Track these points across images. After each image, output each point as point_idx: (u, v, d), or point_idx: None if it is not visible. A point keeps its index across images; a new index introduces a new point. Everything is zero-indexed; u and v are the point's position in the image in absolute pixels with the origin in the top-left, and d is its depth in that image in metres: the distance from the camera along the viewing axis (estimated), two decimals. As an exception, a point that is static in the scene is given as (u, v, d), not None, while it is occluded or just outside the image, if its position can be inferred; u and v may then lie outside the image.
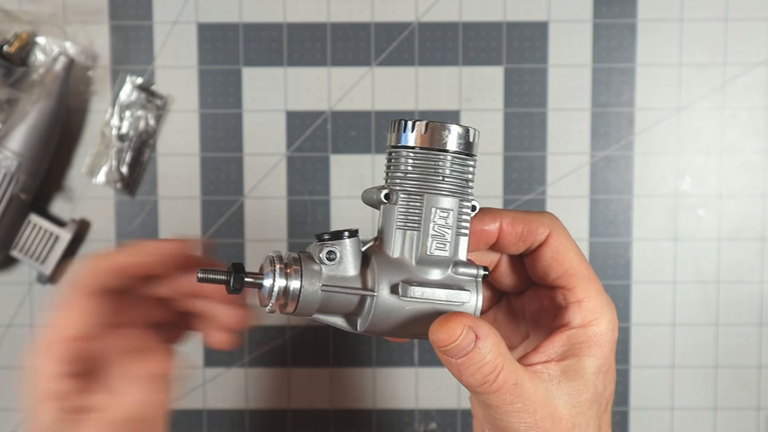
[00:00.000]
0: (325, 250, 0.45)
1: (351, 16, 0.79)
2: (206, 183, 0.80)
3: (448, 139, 0.45)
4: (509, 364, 0.45)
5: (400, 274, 0.45)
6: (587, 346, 0.47)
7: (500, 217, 0.49)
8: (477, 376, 0.45)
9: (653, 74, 0.79)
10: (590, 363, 0.47)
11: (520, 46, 0.79)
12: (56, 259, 0.78)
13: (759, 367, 0.80)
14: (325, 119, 0.79)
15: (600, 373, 0.47)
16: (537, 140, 0.79)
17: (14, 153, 0.74)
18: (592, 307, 0.47)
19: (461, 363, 0.45)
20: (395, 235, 0.46)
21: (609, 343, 0.48)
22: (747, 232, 0.80)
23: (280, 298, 0.44)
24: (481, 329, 0.44)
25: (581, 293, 0.48)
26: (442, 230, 0.46)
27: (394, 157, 0.46)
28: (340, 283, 0.45)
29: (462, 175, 0.46)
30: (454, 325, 0.44)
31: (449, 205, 0.46)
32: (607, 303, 0.48)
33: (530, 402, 0.46)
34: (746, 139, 0.79)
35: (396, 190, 0.45)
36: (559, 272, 0.48)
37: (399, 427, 0.81)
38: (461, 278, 0.46)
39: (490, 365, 0.45)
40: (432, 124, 0.45)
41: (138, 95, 0.79)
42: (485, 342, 0.44)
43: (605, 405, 0.49)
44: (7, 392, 0.81)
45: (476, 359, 0.44)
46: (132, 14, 0.79)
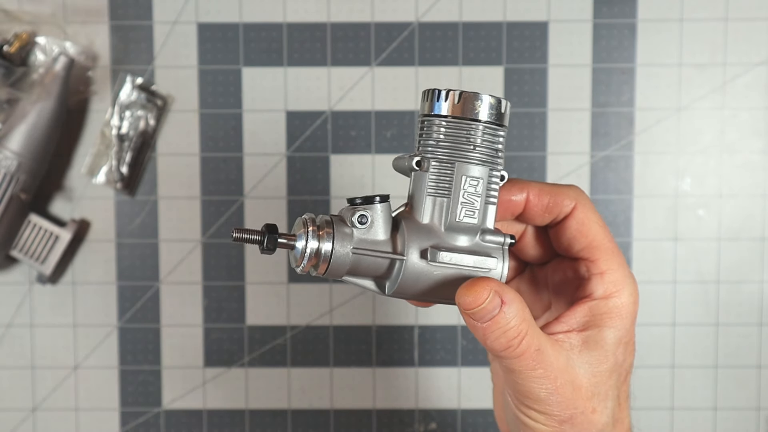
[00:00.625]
0: (357, 213, 0.46)
1: (351, 16, 0.79)
2: (206, 183, 0.80)
3: (480, 108, 0.46)
4: (533, 330, 0.47)
5: (429, 239, 0.46)
6: (608, 317, 0.48)
7: (527, 187, 0.50)
8: (501, 340, 0.46)
9: (653, 74, 0.79)
10: (611, 334, 0.48)
11: (520, 46, 0.79)
12: (56, 259, 0.78)
13: (759, 367, 0.80)
14: (325, 119, 0.79)
15: (620, 344, 0.49)
16: (537, 140, 0.79)
17: (14, 153, 0.74)
18: (615, 279, 0.48)
19: (486, 327, 0.46)
20: (425, 202, 0.47)
21: (630, 315, 0.49)
22: (747, 232, 0.80)
23: (312, 259, 0.45)
24: (507, 294, 0.46)
25: (604, 265, 0.49)
26: (471, 198, 0.47)
27: (427, 125, 0.47)
28: (370, 247, 0.46)
29: (492, 145, 0.47)
30: (481, 288, 0.45)
31: (479, 174, 0.47)
32: (629, 276, 0.49)
33: (551, 369, 0.47)
34: (746, 139, 0.79)
35: (427, 157, 0.47)
36: (583, 244, 0.49)
37: (399, 427, 0.81)
38: (488, 245, 0.47)
39: (515, 330, 0.46)
40: (465, 94, 0.46)
41: (138, 95, 0.79)
42: (510, 307, 0.45)
43: (624, 375, 0.50)
44: (8, 392, 0.81)
45: (501, 323, 0.46)
46: (132, 14, 0.79)
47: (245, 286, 0.80)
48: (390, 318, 0.80)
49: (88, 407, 0.81)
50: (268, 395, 0.81)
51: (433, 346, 0.80)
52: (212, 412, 0.81)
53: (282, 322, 0.81)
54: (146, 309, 0.80)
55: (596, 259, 0.49)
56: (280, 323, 0.81)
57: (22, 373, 0.81)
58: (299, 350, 0.81)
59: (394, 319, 0.80)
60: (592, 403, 0.48)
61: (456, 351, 0.80)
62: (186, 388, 0.81)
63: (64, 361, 0.81)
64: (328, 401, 0.81)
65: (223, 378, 0.81)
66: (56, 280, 0.80)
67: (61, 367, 0.81)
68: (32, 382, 0.81)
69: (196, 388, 0.81)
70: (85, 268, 0.80)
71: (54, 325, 0.81)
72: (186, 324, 0.81)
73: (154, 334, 0.81)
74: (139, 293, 0.80)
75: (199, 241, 0.80)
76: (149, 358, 0.81)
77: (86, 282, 0.80)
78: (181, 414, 0.81)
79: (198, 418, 0.81)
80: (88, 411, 0.81)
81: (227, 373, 0.81)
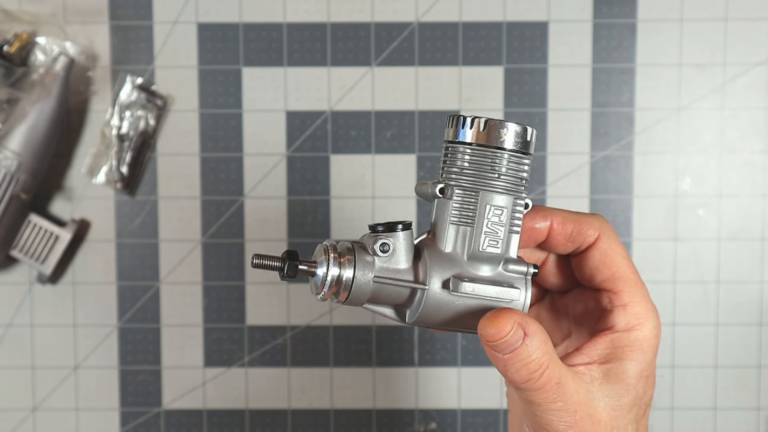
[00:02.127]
0: (379, 242, 0.45)
1: (351, 16, 0.79)
2: (206, 183, 0.80)
3: (506, 137, 0.46)
4: (554, 362, 0.46)
5: (452, 268, 0.46)
6: (630, 350, 0.48)
7: (551, 215, 0.49)
8: (522, 373, 0.46)
9: (653, 74, 0.79)
10: (632, 367, 0.48)
11: (520, 46, 0.79)
12: (56, 259, 0.78)
13: (759, 367, 0.80)
14: (325, 119, 0.79)
15: (641, 378, 0.48)
16: (537, 140, 0.79)
17: (14, 153, 0.74)
18: (637, 311, 0.48)
19: (508, 359, 0.45)
20: (448, 230, 0.46)
21: (652, 348, 0.48)
22: (747, 232, 0.80)
23: (332, 287, 0.45)
24: (530, 327, 0.45)
25: (627, 297, 0.48)
26: (495, 227, 0.46)
27: (451, 152, 0.46)
28: (392, 275, 0.46)
29: (517, 174, 0.46)
30: (504, 321, 0.45)
31: (503, 203, 0.46)
32: (652, 309, 0.48)
33: (571, 402, 0.46)
34: (746, 139, 0.79)
35: (451, 185, 0.46)
36: (606, 275, 0.49)
37: (399, 427, 0.81)
38: (511, 275, 0.47)
39: (536, 363, 0.45)
40: (491, 122, 0.46)
41: (138, 95, 0.79)
42: (533, 339, 0.45)
43: (644, 409, 0.49)
44: (8, 392, 0.81)
45: (523, 356, 0.45)
46: (132, 14, 0.79)
47: (245, 286, 0.80)
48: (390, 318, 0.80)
49: (88, 407, 0.81)
50: (268, 395, 0.81)
51: (433, 346, 0.80)
52: (212, 412, 0.81)
53: (282, 322, 0.81)
54: (146, 309, 0.80)
55: (619, 291, 0.48)
56: (280, 323, 0.81)
57: (22, 373, 0.81)
58: (299, 350, 0.81)
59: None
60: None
61: (456, 351, 0.80)
62: (186, 388, 0.81)
63: (64, 361, 0.81)
64: (328, 401, 0.81)
65: (223, 378, 0.81)
66: (56, 280, 0.80)
67: (61, 367, 0.81)
68: (32, 382, 0.81)
69: (196, 388, 0.81)
70: (85, 268, 0.80)
71: (54, 325, 0.81)
72: (186, 324, 0.81)
73: (154, 334, 0.81)
74: (139, 293, 0.80)
75: (199, 241, 0.80)
76: (149, 358, 0.81)
77: (86, 282, 0.80)
78: (181, 414, 0.81)
79: (198, 418, 0.81)
80: (88, 411, 0.81)
81: (227, 373, 0.81)
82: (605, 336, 0.48)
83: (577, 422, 0.47)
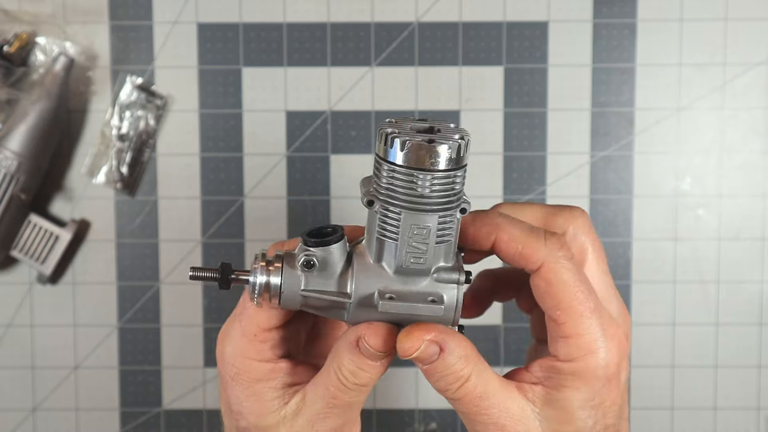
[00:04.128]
0: (304, 258, 0.45)
1: (351, 16, 0.79)
2: (206, 183, 0.80)
3: (435, 158, 0.43)
4: (478, 376, 0.46)
5: (379, 281, 0.46)
6: (572, 379, 0.46)
7: (497, 231, 0.47)
8: (440, 383, 0.47)
9: (653, 74, 0.79)
10: (574, 395, 0.46)
11: (520, 46, 0.79)
12: (56, 259, 0.78)
13: (759, 367, 0.80)
14: (325, 119, 0.79)
15: (586, 408, 0.46)
16: (537, 140, 0.79)
17: (14, 153, 0.74)
18: (581, 344, 0.45)
19: (426, 370, 0.46)
20: (375, 243, 0.45)
21: (598, 379, 0.45)
22: (747, 232, 0.80)
23: (263, 294, 0.46)
24: (449, 342, 0.45)
25: (569, 329, 0.45)
26: (418, 246, 0.45)
27: (377, 167, 0.45)
28: (318, 287, 0.45)
29: (447, 190, 0.44)
30: (415, 338, 0.45)
31: (429, 222, 0.44)
32: (602, 338, 0.45)
33: (499, 416, 0.46)
34: (746, 139, 0.79)
35: (379, 199, 0.44)
36: (548, 304, 0.46)
37: (399, 427, 0.81)
38: (442, 285, 0.46)
39: (453, 376, 0.46)
40: (416, 146, 0.42)
41: (138, 95, 0.79)
42: (450, 355, 0.45)
43: None
44: (8, 392, 0.81)
45: (439, 369, 0.46)
46: (132, 14, 0.79)
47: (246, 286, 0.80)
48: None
49: (88, 407, 0.81)
50: (268, 395, 0.81)
51: (433, 346, 0.80)
52: (212, 412, 0.81)
53: (282, 322, 0.80)
54: (146, 309, 0.80)
55: (562, 323, 0.45)
56: (280, 323, 0.80)
57: (22, 373, 0.81)
58: (299, 350, 0.81)
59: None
60: None
61: (456, 351, 0.80)
62: (186, 388, 0.81)
63: (64, 361, 0.81)
64: (328, 401, 0.81)
65: (223, 378, 0.81)
66: (56, 280, 0.80)
67: (61, 367, 0.81)
68: (32, 382, 0.81)
69: (196, 388, 0.81)
70: (85, 268, 0.80)
71: (54, 325, 0.81)
72: (186, 324, 0.81)
73: (154, 334, 0.81)
74: (139, 293, 0.80)
75: (199, 241, 0.80)
76: (149, 358, 0.81)
77: (86, 282, 0.80)
78: (181, 414, 0.81)
79: (198, 418, 0.81)
80: (88, 411, 0.81)
81: (227, 373, 0.81)
82: (548, 361, 0.47)
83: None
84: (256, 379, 0.49)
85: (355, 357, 0.47)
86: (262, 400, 0.49)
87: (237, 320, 0.50)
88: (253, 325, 0.49)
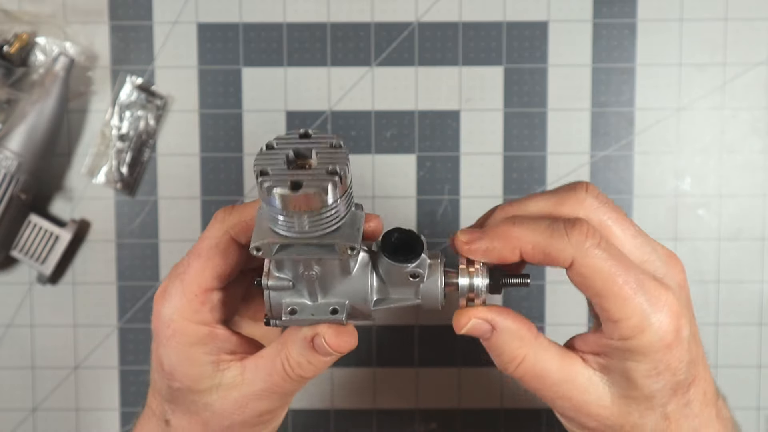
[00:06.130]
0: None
1: (351, 16, 0.79)
2: (206, 183, 0.80)
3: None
4: (534, 356, 0.47)
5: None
6: (630, 355, 0.46)
7: (519, 245, 0.46)
8: (498, 361, 0.48)
9: (653, 74, 0.79)
10: (637, 367, 0.46)
11: (519, 46, 0.79)
12: (56, 259, 0.78)
13: (759, 367, 0.80)
14: (325, 119, 0.79)
15: (651, 376, 0.46)
16: (537, 140, 0.79)
17: (14, 153, 0.74)
18: (630, 325, 0.45)
19: (485, 346, 0.48)
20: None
21: (658, 351, 0.45)
22: (747, 232, 0.80)
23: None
24: (500, 322, 0.47)
25: (616, 315, 0.45)
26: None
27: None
28: None
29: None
30: (466, 315, 0.47)
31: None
32: (651, 313, 0.45)
33: (565, 390, 0.47)
34: (746, 139, 0.79)
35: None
36: (590, 294, 0.46)
37: (399, 427, 0.81)
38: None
39: (508, 355, 0.47)
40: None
41: (138, 95, 0.79)
42: (501, 334, 0.47)
43: (667, 398, 0.47)
44: (8, 392, 0.81)
45: (494, 347, 0.48)
46: (132, 14, 0.79)
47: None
48: (390, 318, 0.80)
49: (88, 407, 0.81)
50: (268, 395, 0.81)
51: (433, 346, 0.80)
52: (212, 412, 0.81)
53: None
54: (146, 309, 0.80)
55: (607, 309, 0.45)
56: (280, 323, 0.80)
57: (22, 373, 0.81)
58: (299, 350, 0.81)
59: (394, 319, 0.80)
60: (620, 420, 0.47)
61: (456, 351, 0.80)
62: (186, 388, 0.81)
63: (64, 361, 0.81)
64: (329, 401, 0.81)
65: (223, 378, 0.81)
66: (56, 280, 0.80)
67: (61, 367, 0.81)
68: (32, 382, 0.81)
69: (196, 388, 0.81)
70: (85, 268, 0.80)
71: (54, 325, 0.81)
72: (186, 324, 0.80)
73: (154, 334, 0.81)
74: (139, 293, 0.80)
75: (199, 241, 0.80)
76: (149, 358, 0.81)
77: (86, 282, 0.80)
78: (181, 414, 0.81)
79: (198, 418, 0.81)
80: (88, 411, 0.81)
81: (227, 373, 0.81)
82: (604, 339, 0.47)
83: (575, 406, 0.47)
84: (191, 342, 0.49)
85: (307, 352, 0.48)
86: (196, 364, 0.50)
87: (178, 279, 0.50)
88: (194, 284, 0.49)
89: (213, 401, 0.50)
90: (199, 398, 0.50)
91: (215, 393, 0.50)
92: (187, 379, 0.50)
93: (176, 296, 0.50)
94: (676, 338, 0.46)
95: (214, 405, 0.50)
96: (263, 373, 0.49)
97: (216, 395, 0.50)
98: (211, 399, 0.50)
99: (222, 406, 0.50)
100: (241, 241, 0.51)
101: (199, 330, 0.50)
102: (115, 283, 0.80)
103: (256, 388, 0.49)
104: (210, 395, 0.50)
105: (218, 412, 0.50)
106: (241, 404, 0.50)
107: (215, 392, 0.50)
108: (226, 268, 0.50)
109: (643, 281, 0.45)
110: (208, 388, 0.50)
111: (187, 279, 0.50)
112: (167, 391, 0.52)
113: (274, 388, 0.50)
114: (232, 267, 0.51)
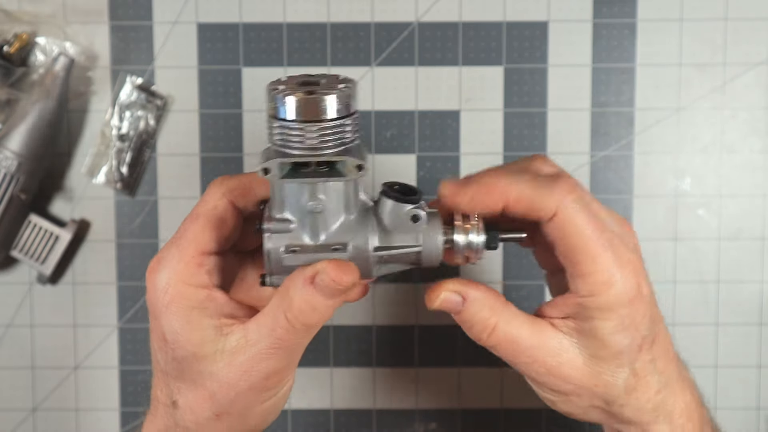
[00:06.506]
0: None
1: (351, 16, 0.79)
2: (206, 183, 0.80)
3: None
4: (505, 324, 0.49)
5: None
6: (598, 311, 0.48)
7: (504, 194, 0.48)
8: (472, 332, 0.49)
9: (653, 74, 0.79)
10: (604, 325, 0.48)
11: (519, 46, 0.79)
12: (56, 259, 0.78)
13: (759, 366, 0.80)
14: (325, 119, 0.79)
15: (619, 332, 0.48)
16: (537, 140, 0.79)
17: (14, 153, 0.74)
18: (598, 280, 0.47)
19: (457, 319, 0.50)
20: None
21: (623, 305, 0.48)
22: (747, 232, 0.80)
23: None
24: (470, 293, 0.48)
25: (585, 268, 0.48)
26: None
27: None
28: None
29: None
30: (438, 289, 0.49)
31: None
32: (617, 269, 0.47)
33: (539, 355, 0.49)
34: (746, 139, 0.79)
35: None
36: (562, 249, 0.48)
37: (399, 427, 0.81)
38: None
39: (480, 325, 0.49)
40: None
41: (138, 95, 0.79)
42: (472, 304, 0.48)
43: (635, 352, 0.49)
44: (8, 392, 0.81)
45: (466, 318, 0.49)
46: (132, 14, 0.79)
47: (245, 286, 0.80)
48: (390, 318, 0.80)
49: (88, 407, 0.81)
50: (268, 395, 0.81)
51: (433, 346, 0.80)
52: (212, 412, 0.81)
53: (282, 322, 0.80)
54: (146, 309, 0.80)
55: (578, 262, 0.48)
56: (280, 323, 0.80)
57: (22, 373, 0.81)
58: (299, 350, 0.81)
59: (394, 319, 0.80)
60: (593, 380, 0.49)
61: (456, 351, 0.80)
62: (186, 388, 0.81)
63: (64, 361, 0.81)
64: (328, 401, 0.81)
65: (223, 378, 0.81)
66: (56, 280, 0.80)
67: (61, 367, 0.81)
68: (32, 382, 0.81)
69: (196, 388, 0.81)
70: (85, 268, 0.80)
71: (54, 325, 0.81)
72: (186, 324, 0.80)
73: (154, 334, 0.81)
74: (139, 293, 0.80)
75: (199, 241, 0.80)
76: (149, 358, 0.81)
77: (86, 282, 0.80)
78: (181, 414, 0.81)
79: (198, 418, 0.81)
80: (88, 411, 0.81)
81: (227, 373, 0.81)
82: (571, 298, 0.49)
83: (549, 370, 0.49)
84: (191, 306, 0.49)
85: (308, 294, 0.47)
86: (198, 328, 0.49)
87: (174, 245, 0.50)
88: (191, 247, 0.50)
89: (218, 369, 0.49)
90: (205, 367, 0.49)
91: (220, 360, 0.49)
92: (190, 344, 0.49)
93: (172, 261, 0.50)
94: (638, 294, 0.48)
95: (219, 373, 0.49)
96: (266, 329, 0.48)
97: (221, 362, 0.49)
98: (216, 367, 0.49)
99: (228, 374, 0.49)
100: (239, 205, 0.51)
101: (198, 293, 0.49)
102: (115, 283, 0.80)
103: (261, 346, 0.49)
104: (215, 362, 0.49)
105: (224, 381, 0.49)
106: (247, 368, 0.49)
107: (220, 359, 0.49)
108: (224, 231, 0.50)
109: (611, 239, 0.48)
110: (212, 353, 0.49)
111: (184, 242, 0.50)
112: (172, 366, 0.51)
113: (279, 343, 0.48)
114: (230, 231, 0.51)
